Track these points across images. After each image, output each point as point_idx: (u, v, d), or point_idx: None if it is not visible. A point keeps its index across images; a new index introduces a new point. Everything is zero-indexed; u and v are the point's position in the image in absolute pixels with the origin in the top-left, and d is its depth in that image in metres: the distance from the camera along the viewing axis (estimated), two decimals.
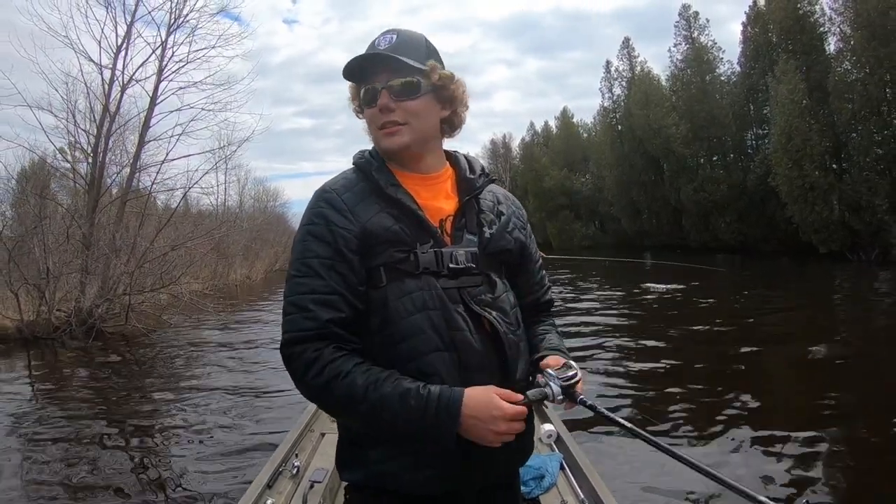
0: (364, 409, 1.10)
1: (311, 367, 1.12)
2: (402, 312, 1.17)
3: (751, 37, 28.98)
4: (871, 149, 21.64)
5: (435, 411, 1.08)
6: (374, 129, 1.28)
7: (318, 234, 1.19)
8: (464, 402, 1.09)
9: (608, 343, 9.12)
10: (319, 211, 1.21)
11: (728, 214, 30.50)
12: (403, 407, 1.09)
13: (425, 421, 1.09)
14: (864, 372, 6.84)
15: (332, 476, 2.75)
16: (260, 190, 38.81)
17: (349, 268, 1.18)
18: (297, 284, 1.18)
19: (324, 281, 1.16)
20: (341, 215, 1.20)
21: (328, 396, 1.14)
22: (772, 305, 12.22)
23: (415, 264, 1.20)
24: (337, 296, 1.15)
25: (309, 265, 1.17)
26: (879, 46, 20.52)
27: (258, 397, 6.97)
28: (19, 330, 11.80)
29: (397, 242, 1.20)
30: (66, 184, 16.46)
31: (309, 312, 1.14)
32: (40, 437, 6.01)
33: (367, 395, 1.09)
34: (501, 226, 1.32)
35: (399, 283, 1.19)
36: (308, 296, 1.15)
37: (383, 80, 1.24)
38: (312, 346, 1.13)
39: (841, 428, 5.10)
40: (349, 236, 1.18)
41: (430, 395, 1.09)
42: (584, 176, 49.66)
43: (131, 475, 4.75)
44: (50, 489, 4.60)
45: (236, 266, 25.32)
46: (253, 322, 14.30)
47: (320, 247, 1.18)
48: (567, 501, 2.58)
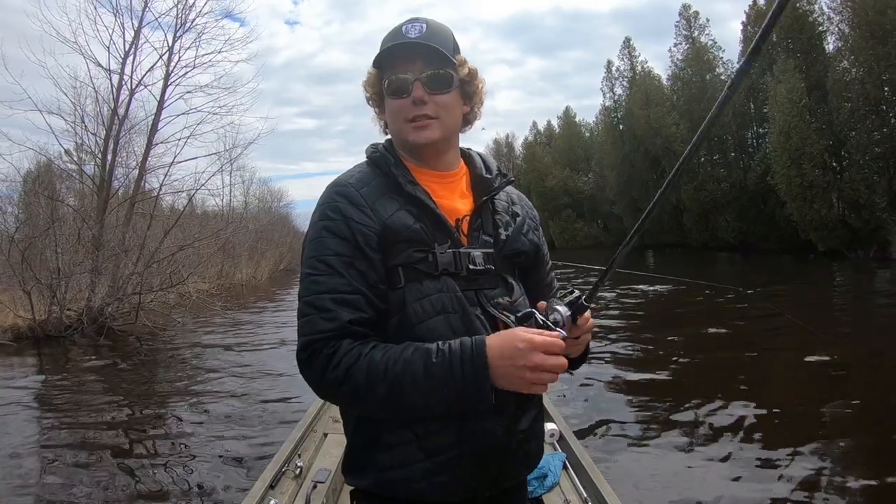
0: (386, 387, 1.02)
1: (329, 362, 1.04)
2: (420, 315, 1.10)
3: (751, 36, 28.84)
4: (870, 147, 21.52)
5: (460, 361, 1.01)
6: (401, 121, 1.20)
7: (335, 230, 1.11)
8: (488, 345, 1.02)
9: (611, 344, 9.08)
10: (336, 206, 1.13)
11: (728, 213, 30.35)
12: (429, 369, 1.01)
13: (454, 376, 1.00)
14: (870, 375, 6.76)
15: (335, 476, 2.73)
16: (264, 190, 38.95)
17: (370, 265, 1.10)
18: (314, 283, 1.09)
19: (344, 279, 1.08)
20: (360, 211, 1.12)
21: (348, 385, 1.03)
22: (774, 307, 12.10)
23: (434, 265, 1.13)
24: (358, 295, 1.07)
25: (327, 262, 1.09)
26: (877, 45, 20.40)
27: (262, 397, 6.95)
28: (31, 328, 11.95)
29: (417, 242, 1.13)
30: (71, 185, 16.59)
31: (328, 312, 1.06)
32: (48, 432, 6.07)
33: (387, 370, 1.01)
34: (517, 228, 1.28)
35: (417, 285, 1.12)
36: (327, 295, 1.07)
37: (416, 70, 1.17)
38: (330, 344, 1.05)
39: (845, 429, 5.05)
40: (369, 233, 1.11)
41: (453, 348, 1.02)
42: (586, 175, 49.50)
43: (135, 473, 4.74)
44: (57, 484, 4.63)
45: (242, 266, 25.33)
46: (259, 322, 14.31)
47: (338, 243, 1.10)
48: (570, 500, 2.55)
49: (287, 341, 10.46)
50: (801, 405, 5.83)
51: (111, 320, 12.43)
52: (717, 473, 4.12)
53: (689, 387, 6.37)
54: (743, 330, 9.56)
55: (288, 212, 41.41)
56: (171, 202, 16.84)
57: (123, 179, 14.75)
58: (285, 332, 11.31)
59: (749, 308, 11.39)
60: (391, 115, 1.22)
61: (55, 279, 12.07)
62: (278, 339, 10.88)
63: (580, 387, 6.52)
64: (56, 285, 12.09)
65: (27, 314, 12.10)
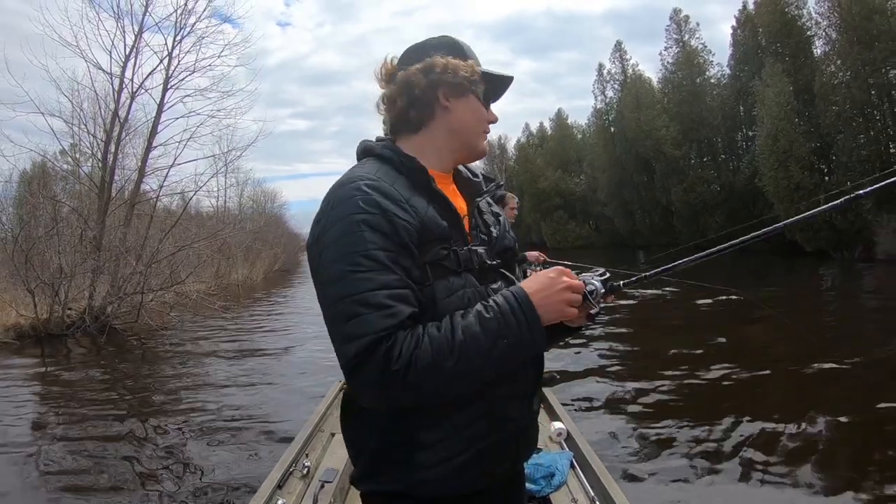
0: (454, 358, 0.99)
1: (390, 355, 0.97)
2: (450, 311, 1.07)
3: (740, 40, 28.98)
4: (856, 150, 21.65)
5: (510, 310, 1.04)
6: (479, 126, 1.26)
7: (375, 224, 1.04)
8: (524, 287, 1.08)
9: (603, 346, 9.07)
10: (373, 199, 1.06)
11: (718, 214, 30.46)
12: (485, 325, 1.02)
13: (509, 325, 1.03)
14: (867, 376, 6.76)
15: (343, 476, 2.69)
16: (258, 191, 38.66)
17: (412, 262, 1.06)
18: (361, 281, 1.01)
19: (396, 275, 1.02)
20: (399, 206, 1.07)
21: (415, 371, 0.98)
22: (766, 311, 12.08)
23: (456, 262, 1.13)
24: (409, 290, 1.03)
25: (374, 258, 1.02)
26: (864, 50, 20.54)
27: (267, 397, 6.90)
28: (34, 327, 12.01)
29: (445, 240, 1.12)
30: (68, 187, 16.59)
31: (387, 309, 0.99)
32: (50, 429, 6.05)
33: (450, 341, 1.00)
34: (503, 226, 1.33)
35: (445, 282, 1.10)
36: (382, 291, 1.00)
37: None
38: (389, 339, 0.98)
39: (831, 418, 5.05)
40: (411, 229, 1.07)
41: (499, 302, 1.06)
42: (578, 177, 49.57)
43: (140, 474, 4.69)
44: (59, 481, 4.60)
45: (238, 266, 25.23)
46: (257, 320, 14.31)
47: (381, 238, 1.03)
48: (577, 500, 2.52)
49: (287, 342, 10.43)
50: (803, 407, 5.74)
51: (112, 319, 12.47)
52: (726, 475, 4.10)
53: (700, 388, 6.29)
54: (742, 334, 9.46)
55: (282, 213, 41.33)
56: (167, 203, 16.88)
57: (124, 181, 14.74)
58: (285, 332, 11.27)
59: (748, 311, 11.41)
60: (470, 114, 1.23)
61: (57, 279, 12.10)
62: (279, 338, 10.84)
63: (588, 386, 6.50)
64: (59, 285, 12.13)
65: (29, 313, 12.15)
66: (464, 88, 1.21)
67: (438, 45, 1.23)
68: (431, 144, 1.23)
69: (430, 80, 1.19)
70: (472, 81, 1.21)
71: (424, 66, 1.19)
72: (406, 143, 1.23)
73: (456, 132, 1.23)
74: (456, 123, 1.22)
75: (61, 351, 11.02)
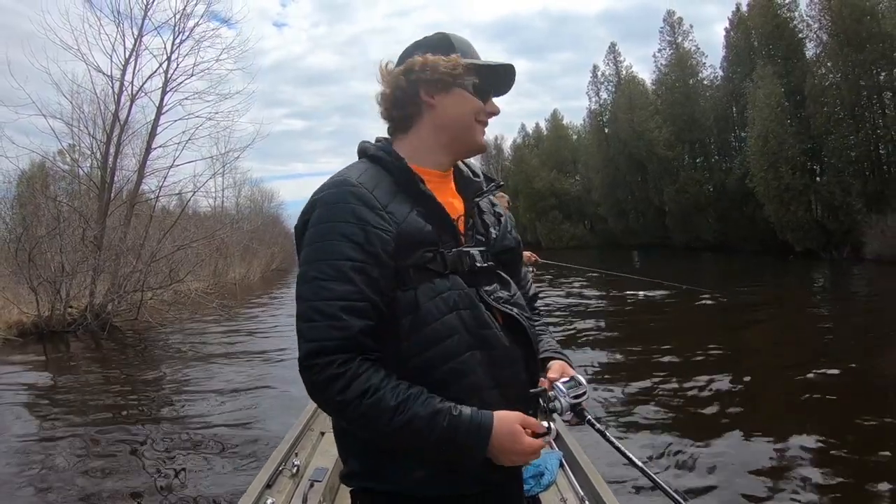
0: (390, 428, 1.01)
1: (336, 381, 1.00)
2: (434, 313, 1.07)
3: (733, 41, 29.00)
4: (846, 151, 21.68)
5: (465, 435, 1.02)
6: (474, 119, 1.21)
7: (349, 234, 1.05)
8: (493, 431, 1.04)
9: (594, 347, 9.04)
10: (350, 208, 1.06)
11: (709, 214, 30.49)
12: (433, 428, 1.01)
13: (454, 443, 1.02)
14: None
15: (332, 475, 2.65)
16: (255, 191, 38.66)
17: (381, 272, 1.05)
18: (322, 288, 1.03)
19: (355, 287, 1.03)
20: (376, 214, 1.07)
21: (353, 413, 1.01)
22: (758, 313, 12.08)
23: (442, 264, 1.11)
24: (367, 303, 1.03)
25: (338, 268, 1.03)
26: (854, 52, 20.57)
27: (258, 396, 6.84)
28: (36, 325, 12.08)
29: (428, 243, 1.10)
30: (67, 187, 16.59)
31: (338, 321, 1.01)
32: (51, 424, 6.06)
33: (395, 414, 1.00)
34: (503, 226, 1.29)
35: (429, 284, 1.09)
36: (337, 302, 1.02)
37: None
38: (339, 358, 1.00)
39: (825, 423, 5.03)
40: (387, 238, 1.06)
41: (462, 417, 1.02)
42: (573, 177, 49.65)
43: (132, 472, 4.66)
44: (59, 476, 4.60)
45: (235, 266, 25.18)
46: (253, 320, 14.29)
47: (352, 247, 1.04)
48: (567, 499, 2.49)
49: (283, 341, 10.37)
50: (792, 409, 5.74)
51: (113, 317, 12.54)
52: (717, 471, 4.08)
53: (690, 390, 6.25)
54: (734, 337, 9.37)
55: (279, 212, 41.15)
56: (166, 203, 16.89)
57: (124, 182, 14.78)
58: (281, 331, 11.23)
59: (739, 315, 11.41)
60: (457, 108, 1.20)
61: (59, 277, 12.15)
62: (275, 337, 10.79)
63: None
64: (60, 283, 12.19)
65: (32, 311, 12.21)
66: (446, 83, 1.18)
67: (428, 43, 1.22)
68: (423, 143, 1.21)
69: (409, 80, 1.18)
70: (455, 75, 1.17)
71: (405, 66, 1.18)
72: (401, 143, 1.21)
73: (445, 127, 1.20)
74: (443, 119, 1.20)
75: (63, 348, 11.07)
